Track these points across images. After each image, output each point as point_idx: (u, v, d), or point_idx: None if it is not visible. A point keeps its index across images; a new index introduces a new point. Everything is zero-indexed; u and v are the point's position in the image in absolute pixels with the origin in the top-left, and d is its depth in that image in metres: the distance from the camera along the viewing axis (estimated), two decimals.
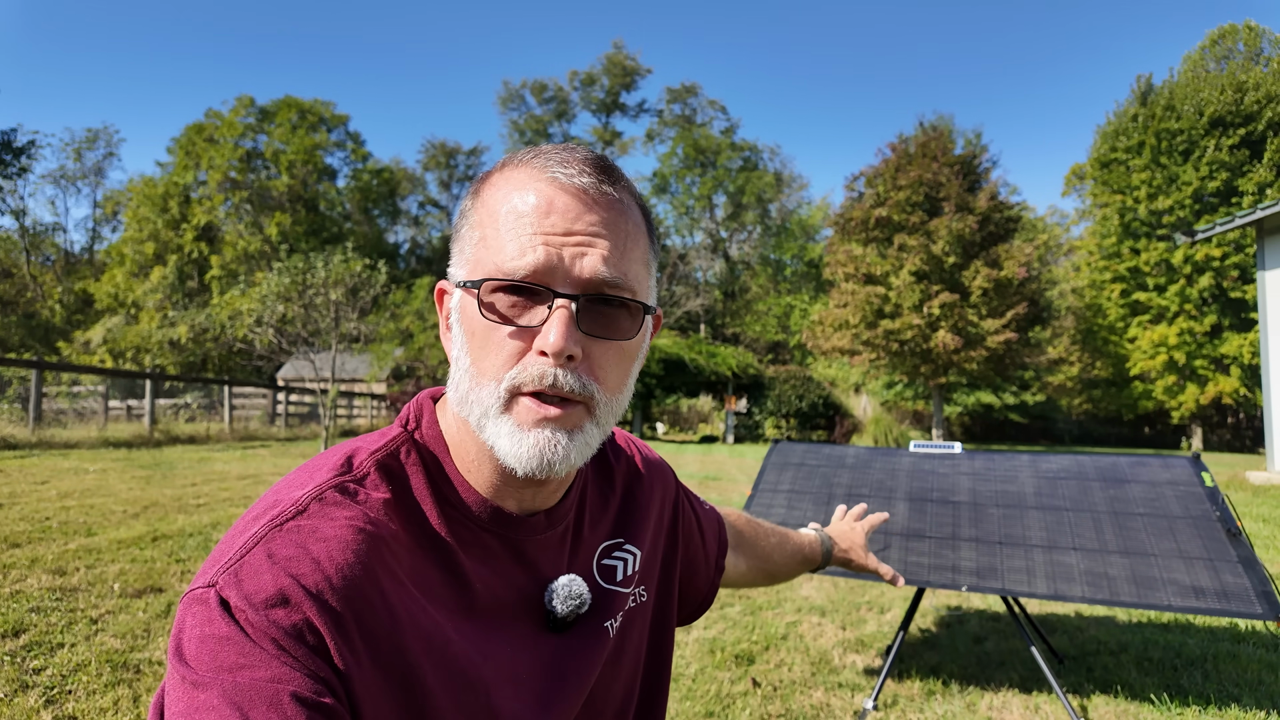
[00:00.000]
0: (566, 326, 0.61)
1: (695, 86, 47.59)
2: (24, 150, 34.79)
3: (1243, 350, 26.33)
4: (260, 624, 0.53)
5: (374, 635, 0.58)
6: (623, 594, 0.81)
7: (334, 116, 40.51)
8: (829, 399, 24.00)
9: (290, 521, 0.59)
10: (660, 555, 0.91)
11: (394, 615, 0.59)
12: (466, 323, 0.66)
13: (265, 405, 17.99)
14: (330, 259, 14.08)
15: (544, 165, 0.65)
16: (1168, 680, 2.90)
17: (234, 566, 0.56)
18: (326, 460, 0.67)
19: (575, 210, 0.63)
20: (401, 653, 0.59)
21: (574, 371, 0.63)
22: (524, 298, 0.63)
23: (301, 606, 0.54)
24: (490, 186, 0.68)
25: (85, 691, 2.41)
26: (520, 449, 0.63)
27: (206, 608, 0.54)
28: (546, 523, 0.74)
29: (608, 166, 0.67)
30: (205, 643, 0.53)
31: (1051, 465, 3.07)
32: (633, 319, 0.67)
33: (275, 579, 0.55)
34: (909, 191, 22.99)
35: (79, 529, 4.61)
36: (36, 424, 10.32)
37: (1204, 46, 31.59)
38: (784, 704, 2.68)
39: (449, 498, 0.69)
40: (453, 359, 0.69)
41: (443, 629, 0.63)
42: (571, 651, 0.72)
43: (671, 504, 0.96)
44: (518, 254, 0.62)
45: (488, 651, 0.66)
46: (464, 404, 0.66)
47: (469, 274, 0.66)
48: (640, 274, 0.68)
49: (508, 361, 0.63)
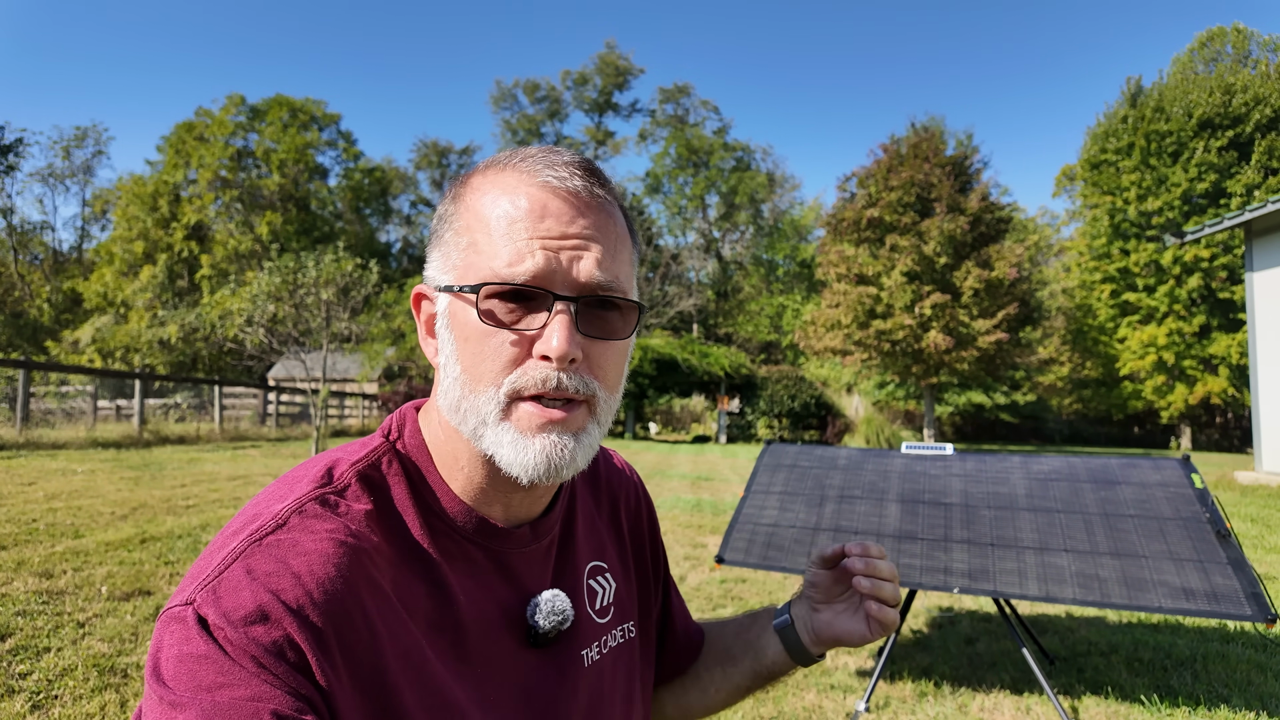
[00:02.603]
0: (569, 330, 0.61)
1: (688, 86, 47.65)
2: (11, 148, 34.56)
3: (1231, 350, 26.54)
4: (239, 641, 0.52)
5: (354, 652, 0.57)
6: (600, 624, 0.79)
7: (325, 115, 40.36)
8: (821, 399, 24.03)
9: (270, 536, 0.58)
10: (637, 592, 0.89)
11: (374, 632, 0.58)
12: (459, 329, 0.64)
13: (256, 405, 17.90)
14: (321, 258, 14.01)
15: (532, 169, 0.64)
16: (1158, 681, 2.91)
17: (212, 583, 0.55)
18: (306, 472, 0.66)
19: (569, 214, 0.63)
20: (381, 671, 0.58)
21: (576, 373, 0.63)
22: (521, 303, 0.62)
23: (282, 623, 0.53)
24: (474, 190, 0.66)
25: (72, 696, 2.38)
26: (525, 456, 0.62)
27: (184, 626, 0.53)
28: (532, 535, 0.73)
29: (595, 169, 0.67)
30: (183, 662, 0.52)
31: (1043, 467, 3.08)
32: (625, 319, 0.67)
33: (254, 595, 0.54)
34: (900, 192, 23.07)
35: (66, 531, 4.57)
36: (24, 424, 10.24)
37: (1193, 49, 31.81)
38: (776, 706, 2.67)
39: (432, 508, 0.68)
40: (439, 366, 0.67)
41: (422, 647, 0.62)
42: (546, 678, 0.71)
43: (649, 545, 0.93)
44: (515, 259, 0.61)
45: (463, 672, 0.65)
46: (456, 412, 0.65)
47: (459, 279, 0.65)
48: (628, 274, 0.68)
49: (507, 367, 0.62)
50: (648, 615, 0.90)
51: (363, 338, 16.75)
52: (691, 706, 0.96)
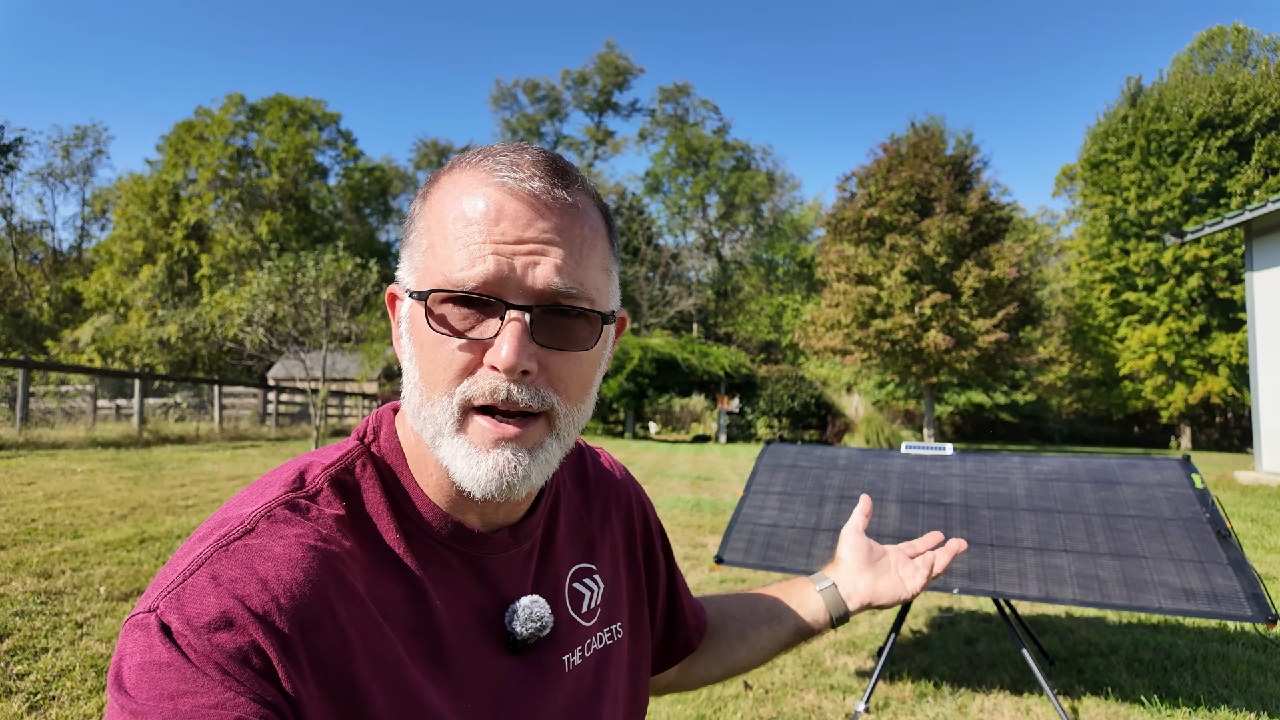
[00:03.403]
0: (519, 340, 0.58)
1: (688, 86, 47.66)
2: (11, 147, 34.55)
3: (1231, 350, 26.54)
4: (203, 648, 0.51)
5: (323, 659, 0.55)
6: (585, 627, 0.77)
7: (325, 115, 40.35)
8: (821, 398, 24.04)
9: (237, 541, 0.57)
10: (628, 591, 0.87)
11: (345, 638, 0.57)
12: (416, 334, 0.63)
13: (255, 405, 17.90)
14: (321, 258, 14.02)
15: (492, 168, 0.62)
16: (1158, 681, 2.90)
17: (176, 590, 0.54)
18: (278, 476, 0.65)
19: (526, 217, 0.60)
20: (351, 678, 0.57)
21: (529, 385, 0.60)
22: (474, 309, 0.60)
23: (247, 629, 0.52)
24: (438, 190, 0.64)
25: (69, 698, 2.38)
26: (478, 471, 0.60)
27: (147, 633, 0.52)
28: (511, 540, 0.71)
29: (561, 169, 0.63)
30: (146, 670, 0.51)
31: (1043, 467, 3.07)
32: (591, 328, 0.64)
33: (219, 601, 0.53)
34: (900, 192, 23.07)
35: (65, 531, 4.57)
36: (23, 424, 10.23)
37: (1193, 48, 31.81)
38: (775, 707, 2.67)
39: (407, 512, 0.67)
40: (404, 370, 0.66)
41: (396, 651, 0.60)
42: (525, 685, 0.69)
43: (643, 539, 0.92)
44: (467, 264, 0.59)
45: (440, 679, 0.63)
46: (418, 418, 0.63)
47: (417, 283, 0.63)
48: (599, 280, 0.64)
49: (458, 375, 0.60)
50: (641, 613, 0.88)
51: (362, 337, 16.76)
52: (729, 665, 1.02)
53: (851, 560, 1.03)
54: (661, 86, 47.99)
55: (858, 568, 1.02)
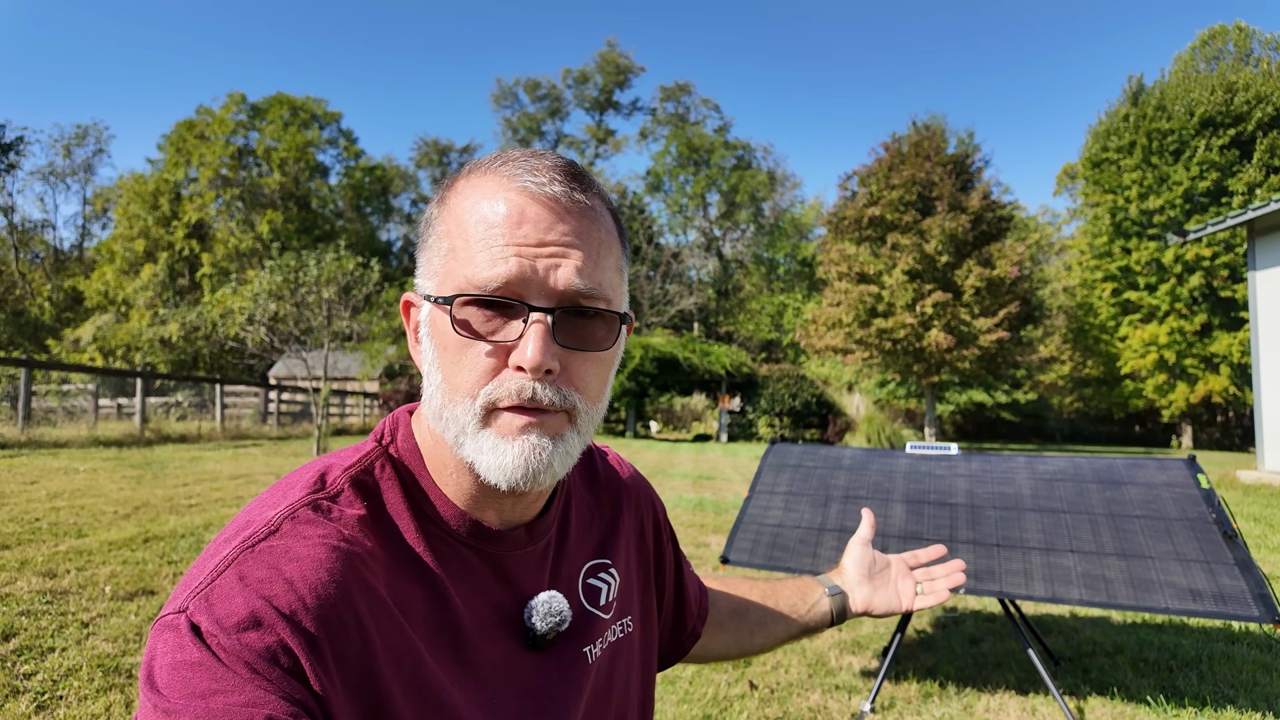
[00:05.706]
0: (544, 341, 0.60)
1: (689, 85, 47.63)
2: (12, 146, 34.50)
3: (1233, 349, 26.51)
4: (233, 648, 0.52)
5: (347, 658, 0.57)
6: (603, 620, 0.79)
7: (326, 114, 40.36)
8: (822, 398, 24.01)
9: (262, 542, 0.58)
10: (638, 585, 0.89)
11: (366, 637, 0.58)
12: (438, 338, 0.64)
13: (257, 404, 17.90)
14: (322, 257, 14.02)
15: (513, 173, 0.63)
16: (1163, 681, 2.90)
17: (205, 591, 0.55)
18: (299, 478, 0.66)
19: (547, 220, 0.62)
20: (373, 677, 0.58)
21: (553, 385, 0.62)
22: (497, 312, 0.62)
23: (275, 628, 0.53)
24: (457, 195, 0.66)
25: (76, 697, 2.38)
26: (505, 460, 0.61)
27: (178, 634, 0.53)
28: (528, 537, 0.73)
29: (578, 173, 0.65)
30: (177, 669, 0.52)
31: (1048, 467, 3.07)
32: (608, 329, 0.66)
33: (247, 601, 0.54)
34: (902, 191, 23.06)
35: (69, 530, 4.57)
36: (26, 423, 10.24)
37: (1194, 47, 31.76)
38: (781, 706, 2.67)
39: (426, 512, 0.68)
40: (425, 373, 0.67)
41: (417, 651, 0.62)
42: (549, 678, 0.71)
43: (653, 534, 0.94)
44: (489, 266, 0.60)
45: (463, 675, 0.65)
46: (439, 420, 0.65)
47: (438, 288, 0.64)
48: (614, 281, 0.66)
49: (483, 378, 0.62)
50: (650, 608, 0.90)
51: (364, 336, 16.75)
52: (745, 648, 1.08)
53: (854, 571, 1.12)
54: (662, 85, 48.03)
55: (858, 580, 1.11)
